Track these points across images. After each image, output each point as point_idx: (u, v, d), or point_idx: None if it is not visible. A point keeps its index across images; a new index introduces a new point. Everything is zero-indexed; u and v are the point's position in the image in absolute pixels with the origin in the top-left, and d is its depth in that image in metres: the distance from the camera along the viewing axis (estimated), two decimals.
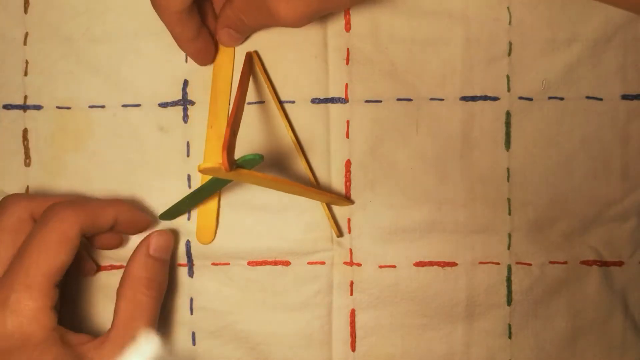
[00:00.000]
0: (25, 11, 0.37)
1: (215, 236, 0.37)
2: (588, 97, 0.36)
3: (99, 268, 0.37)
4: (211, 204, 0.36)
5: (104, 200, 0.35)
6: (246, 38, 0.36)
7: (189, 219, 0.37)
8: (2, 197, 0.37)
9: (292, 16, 0.30)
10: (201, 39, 0.34)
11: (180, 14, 0.32)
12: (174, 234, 0.36)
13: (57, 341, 0.29)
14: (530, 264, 0.37)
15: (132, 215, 0.34)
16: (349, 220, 0.37)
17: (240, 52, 0.36)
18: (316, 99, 0.36)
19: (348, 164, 0.36)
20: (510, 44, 0.36)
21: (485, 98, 0.36)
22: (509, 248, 0.37)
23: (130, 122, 0.37)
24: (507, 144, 0.36)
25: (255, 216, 0.37)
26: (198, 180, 0.37)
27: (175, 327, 0.37)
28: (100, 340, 0.31)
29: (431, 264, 0.36)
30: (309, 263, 0.37)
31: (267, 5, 0.30)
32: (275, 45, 0.36)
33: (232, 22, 0.33)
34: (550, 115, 0.36)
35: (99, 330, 0.37)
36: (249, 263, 0.37)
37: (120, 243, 0.36)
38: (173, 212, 0.35)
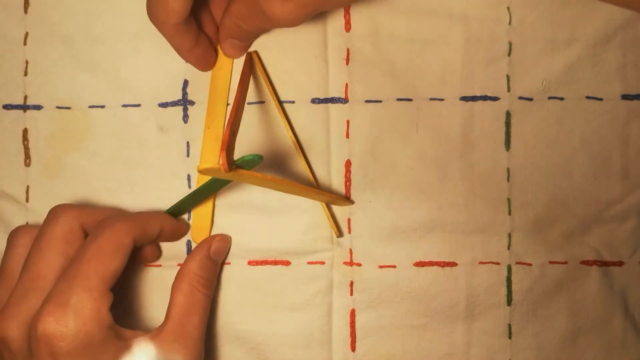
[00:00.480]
0: (25, 11, 0.37)
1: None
2: (588, 97, 0.36)
3: (160, 254, 0.38)
4: (206, 205, 0.36)
5: (150, 212, 0.36)
6: (249, 46, 0.36)
7: (189, 218, 0.37)
8: (3, 197, 0.37)
9: (288, 17, 0.31)
10: (200, 46, 0.34)
11: (178, 26, 0.32)
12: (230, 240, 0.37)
13: (114, 337, 0.31)
14: (530, 264, 0.37)
15: (174, 225, 0.36)
16: (349, 220, 0.37)
17: None
18: (316, 99, 0.36)
19: (348, 164, 0.36)
20: (510, 44, 0.36)
21: (485, 98, 0.36)
22: (509, 248, 0.37)
23: (130, 122, 0.37)
24: (507, 144, 0.36)
25: (255, 216, 0.37)
26: (198, 181, 0.37)
27: None
28: (157, 331, 0.32)
29: (431, 264, 0.36)
30: (309, 263, 0.37)
31: (263, 9, 0.31)
32: (275, 45, 0.36)
33: (232, 31, 0.34)
34: (550, 115, 0.36)
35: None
36: (249, 263, 0.37)
37: (159, 256, 0.37)
38: (173, 212, 0.35)
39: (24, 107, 0.37)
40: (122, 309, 0.37)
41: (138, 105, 0.37)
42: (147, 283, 0.37)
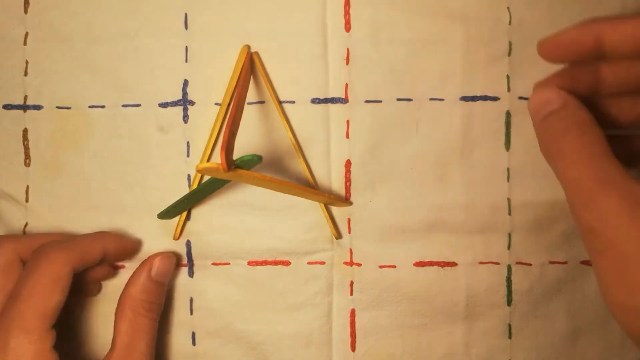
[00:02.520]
0: (25, 11, 0.37)
1: (180, 236, 0.37)
2: None
3: (100, 288, 0.37)
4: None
5: (91, 235, 0.35)
6: None
7: (189, 218, 0.37)
8: (3, 197, 0.37)
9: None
10: None
11: None
12: (176, 257, 0.37)
13: None
14: (530, 264, 0.37)
15: (119, 245, 0.34)
16: (348, 220, 0.37)
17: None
18: (316, 99, 0.36)
19: (348, 164, 0.36)
20: (510, 44, 0.36)
21: (485, 98, 0.36)
22: (509, 248, 0.37)
23: (130, 122, 0.37)
24: (507, 144, 0.36)
25: (255, 216, 0.37)
26: (195, 180, 0.37)
27: (175, 327, 0.37)
28: None
29: (431, 264, 0.36)
30: (309, 263, 0.37)
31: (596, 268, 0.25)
32: (275, 46, 0.36)
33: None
34: None
35: (99, 336, 0.37)
36: (249, 263, 0.37)
37: (109, 274, 0.36)
38: (171, 212, 0.35)
39: (24, 107, 0.37)
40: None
41: (138, 105, 0.37)
42: None
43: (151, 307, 0.33)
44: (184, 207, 0.35)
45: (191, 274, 0.37)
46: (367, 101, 0.36)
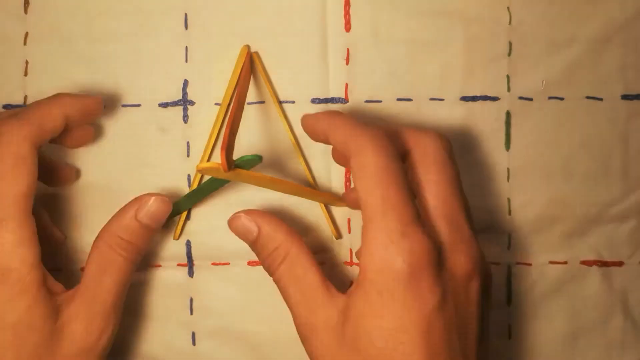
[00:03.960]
0: (25, 11, 0.37)
1: (179, 236, 0.37)
2: (588, 97, 0.36)
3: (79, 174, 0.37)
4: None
5: (46, 100, 0.31)
6: None
7: (189, 218, 0.37)
8: None
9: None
10: None
11: None
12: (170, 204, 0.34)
13: (36, 283, 0.28)
14: (530, 264, 0.37)
15: (80, 106, 0.31)
16: (349, 220, 0.37)
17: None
18: (316, 99, 0.36)
19: None
20: (510, 44, 0.36)
21: (485, 98, 0.36)
22: (509, 248, 0.37)
23: (130, 122, 0.37)
24: (507, 144, 0.36)
25: None
26: (194, 180, 0.37)
27: (175, 327, 0.37)
28: (71, 293, 0.30)
29: None
30: None
31: None
32: (275, 46, 0.36)
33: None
34: (550, 115, 0.36)
35: None
36: (249, 263, 0.37)
37: (89, 135, 0.34)
38: (171, 212, 0.35)
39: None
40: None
41: (138, 105, 0.37)
42: (147, 283, 0.37)
43: (128, 248, 0.31)
44: (183, 207, 0.35)
45: (191, 274, 0.37)
46: (367, 101, 0.36)
